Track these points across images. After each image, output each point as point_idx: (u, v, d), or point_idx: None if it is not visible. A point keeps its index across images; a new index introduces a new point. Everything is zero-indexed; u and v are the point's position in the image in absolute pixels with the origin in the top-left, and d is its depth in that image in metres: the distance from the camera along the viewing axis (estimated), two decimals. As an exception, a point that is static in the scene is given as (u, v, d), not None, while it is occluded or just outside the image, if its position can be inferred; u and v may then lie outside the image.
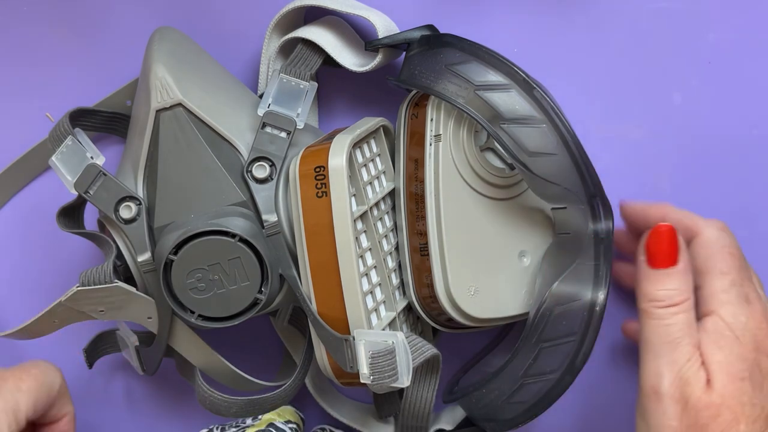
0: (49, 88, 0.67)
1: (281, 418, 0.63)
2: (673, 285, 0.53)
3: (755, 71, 0.65)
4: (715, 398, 0.50)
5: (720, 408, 0.50)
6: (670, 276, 0.54)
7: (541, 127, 0.55)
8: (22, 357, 0.69)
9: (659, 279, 0.54)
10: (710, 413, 0.50)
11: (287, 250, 0.57)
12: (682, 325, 0.52)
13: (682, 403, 0.51)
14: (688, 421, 0.51)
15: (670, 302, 0.53)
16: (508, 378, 0.57)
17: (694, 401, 0.51)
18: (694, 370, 0.51)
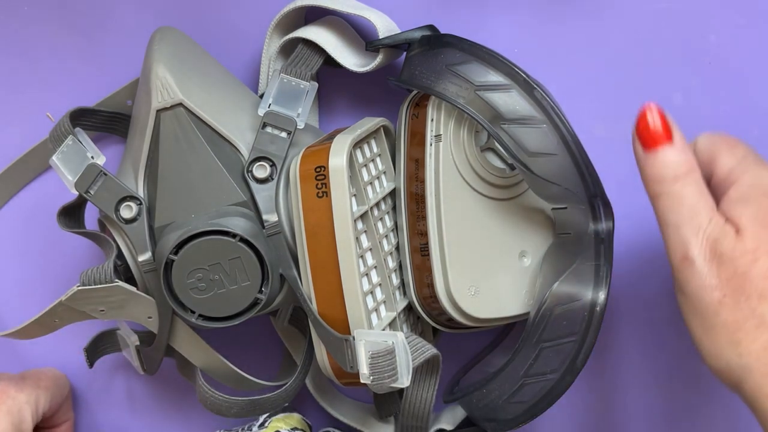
0: (50, 88, 0.67)
1: (288, 425, 0.63)
2: (673, 159, 0.51)
3: (755, 71, 0.65)
4: (749, 243, 0.49)
5: (756, 252, 0.49)
6: (668, 152, 0.51)
7: (541, 128, 0.55)
8: (22, 357, 0.69)
9: (659, 159, 0.51)
10: (748, 259, 0.49)
11: (288, 250, 0.57)
12: (693, 192, 0.51)
13: (717, 259, 0.49)
14: (727, 273, 0.49)
15: (675, 176, 0.51)
16: (508, 378, 0.57)
17: (729, 252, 0.49)
18: (720, 226, 0.50)
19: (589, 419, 0.68)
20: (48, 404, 0.64)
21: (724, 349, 0.49)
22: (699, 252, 0.50)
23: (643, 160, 0.52)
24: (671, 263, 0.51)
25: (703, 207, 0.50)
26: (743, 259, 0.49)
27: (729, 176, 0.52)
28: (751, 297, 0.48)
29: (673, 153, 0.51)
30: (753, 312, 0.48)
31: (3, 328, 0.68)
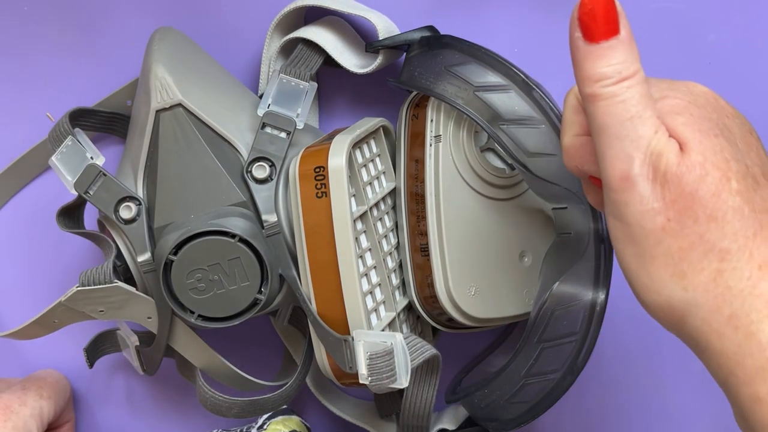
0: (50, 88, 0.67)
1: (287, 428, 0.63)
2: (619, 57, 0.44)
3: (755, 71, 0.65)
4: (696, 157, 0.42)
5: (704, 166, 0.42)
6: (614, 48, 0.44)
7: (540, 128, 0.55)
8: (22, 357, 0.70)
9: (602, 54, 0.44)
10: (695, 175, 0.42)
11: (287, 250, 0.57)
12: (639, 97, 0.43)
13: (660, 178, 0.43)
14: (672, 195, 0.42)
15: (620, 77, 0.43)
16: (509, 378, 0.57)
17: (674, 169, 0.42)
18: (664, 140, 0.43)
19: (590, 419, 0.68)
20: (52, 413, 0.64)
21: (666, 282, 0.43)
22: (639, 169, 0.43)
23: (582, 53, 0.45)
24: (606, 182, 0.44)
25: (649, 116, 0.43)
26: (690, 176, 0.42)
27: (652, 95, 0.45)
28: (699, 219, 0.42)
29: (621, 51, 0.43)
30: (701, 237, 0.42)
31: (3, 329, 0.68)
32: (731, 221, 0.42)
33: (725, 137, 0.43)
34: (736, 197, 0.42)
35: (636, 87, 0.43)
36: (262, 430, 0.62)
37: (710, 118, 0.44)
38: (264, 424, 0.62)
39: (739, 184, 0.42)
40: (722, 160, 0.42)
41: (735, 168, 0.42)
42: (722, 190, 0.42)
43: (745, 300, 0.42)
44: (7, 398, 0.62)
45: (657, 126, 0.43)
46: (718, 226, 0.42)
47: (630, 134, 0.43)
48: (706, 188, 0.42)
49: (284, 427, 0.63)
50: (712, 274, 0.42)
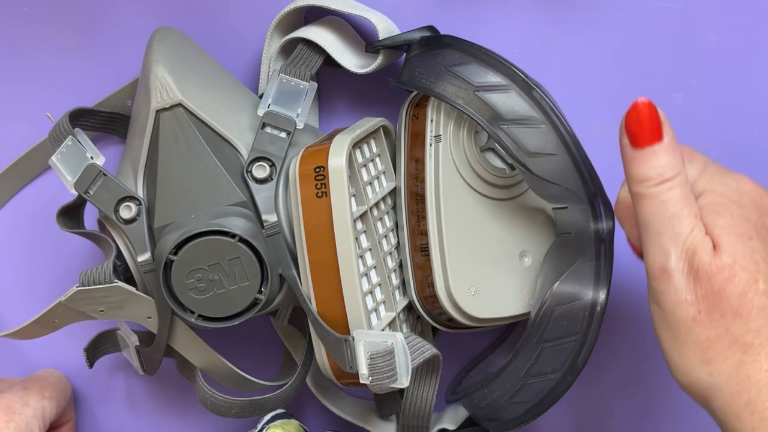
0: (49, 88, 0.67)
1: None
2: (662, 161, 0.48)
3: (755, 71, 0.65)
4: (726, 259, 0.47)
5: (733, 268, 0.47)
6: (657, 153, 0.48)
7: (540, 128, 0.55)
8: (22, 357, 0.69)
9: (646, 158, 0.48)
10: (724, 276, 0.47)
11: (287, 250, 0.57)
12: (678, 198, 0.48)
13: (693, 274, 0.47)
14: (703, 290, 0.47)
15: (661, 179, 0.48)
16: (510, 378, 0.57)
17: (705, 267, 0.47)
18: (700, 239, 0.47)
19: (590, 419, 0.68)
20: (54, 413, 0.64)
21: (694, 365, 0.48)
22: (676, 263, 0.48)
23: (629, 157, 0.49)
24: (648, 270, 0.50)
25: (686, 215, 0.48)
26: (720, 276, 0.47)
27: (695, 187, 0.50)
28: (725, 315, 0.47)
29: (664, 155, 0.48)
30: (726, 330, 0.47)
31: (3, 328, 0.68)
32: (756, 318, 0.46)
33: (761, 239, 0.48)
34: (762, 297, 0.46)
35: (677, 188, 0.48)
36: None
37: (749, 219, 0.48)
38: (263, 429, 0.62)
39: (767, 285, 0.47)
40: (752, 262, 0.47)
41: (765, 270, 0.47)
42: (749, 290, 0.46)
43: (761, 389, 0.46)
44: (9, 398, 0.62)
45: (694, 225, 0.48)
46: (743, 322, 0.46)
47: (669, 231, 0.48)
48: (734, 288, 0.46)
49: (283, 431, 0.63)
50: (734, 363, 0.47)
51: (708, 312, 0.47)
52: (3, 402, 0.61)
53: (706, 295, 0.47)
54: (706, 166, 0.51)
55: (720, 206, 0.48)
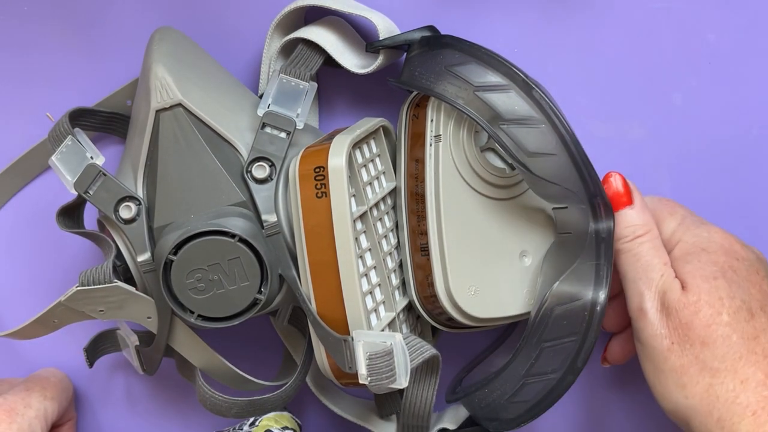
0: (49, 88, 0.67)
1: (278, 424, 0.63)
2: (633, 221, 0.57)
3: (755, 71, 0.65)
4: (692, 297, 0.54)
5: (698, 304, 0.54)
6: (628, 214, 0.58)
7: (540, 128, 0.55)
8: (22, 357, 0.70)
9: (621, 219, 0.57)
10: (690, 311, 0.54)
11: (287, 250, 0.57)
12: (649, 249, 0.57)
13: (665, 310, 0.55)
14: (674, 324, 0.54)
15: (634, 236, 0.57)
16: (510, 377, 0.57)
17: (674, 304, 0.55)
18: (669, 281, 0.55)
19: (591, 418, 0.68)
20: (56, 413, 0.64)
21: (672, 391, 0.55)
22: (651, 304, 0.56)
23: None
24: (629, 313, 0.57)
25: (656, 263, 0.56)
26: (686, 311, 0.54)
27: (672, 237, 0.58)
28: (694, 344, 0.54)
29: (635, 216, 0.58)
30: (696, 358, 0.54)
31: (3, 328, 0.68)
32: (720, 346, 0.53)
33: (726, 278, 0.55)
34: (725, 327, 0.54)
35: (647, 243, 0.57)
36: (254, 426, 0.62)
37: (716, 262, 0.55)
38: (255, 421, 0.62)
39: (730, 317, 0.54)
40: (716, 298, 0.54)
41: (728, 304, 0.54)
42: (712, 322, 0.54)
43: (729, 407, 0.53)
44: (12, 400, 0.62)
45: (663, 270, 0.56)
46: (710, 350, 0.54)
47: (643, 277, 0.56)
48: (699, 321, 0.54)
49: (276, 423, 0.63)
50: (705, 386, 0.54)
51: (679, 342, 0.54)
52: (6, 404, 0.61)
53: (676, 327, 0.54)
54: (683, 218, 0.58)
55: (689, 254, 0.56)
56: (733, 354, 0.53)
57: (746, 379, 0.53)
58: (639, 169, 0.65)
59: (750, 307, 0.55)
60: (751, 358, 0.53)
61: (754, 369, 0.53)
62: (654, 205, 0.60)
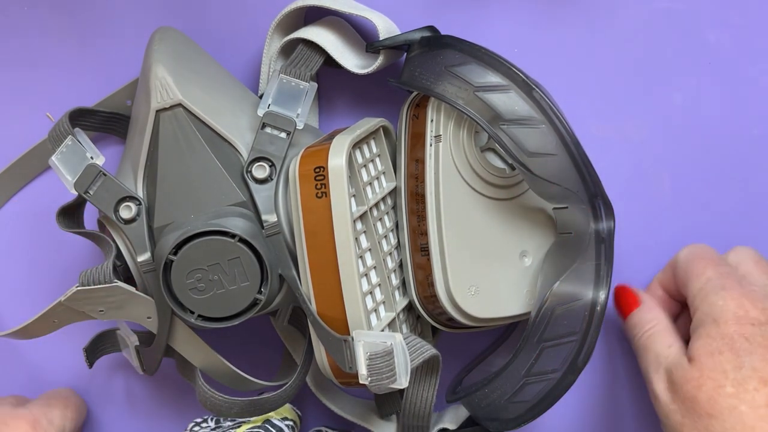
0: (49, 88, 0.67)
1: (278, 414, 0.63)
2: (642, 319, 0.61)
3: (755, 71, 0.65)
4: (695, 372, 0.55)
5: (701, 379, 0.55)
6: (637, 315, 0.62)
7: (540, 128, 0.55)
8: (22, 357, 0.70)
9: (631, 320, 0.62)
10: (693, 385, 0.55)
11: (287, 250, 0.57)
12: (656, 334, 0.60)
13: (672, 387, 0.57)
14: (680, 399, 0.56)
15: (643, 330, 0.61)
16: (510, 377, 0.57)
17: (679, 380, 0.56)
18: (676, 359, 0.57)
19: (591, 418, 0.68)
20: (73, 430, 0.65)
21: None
22: (660, 385, 0.58)
23: (623, 324, 0.63)
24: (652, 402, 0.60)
25: (661, 349, 0.59)
26: (689, 385, 0.56)
27: (693, 302, 0.59)
28: (702, 417, 0.55)
29: (642, 314, 0.62)
30: (706, 428, 0.55)
31: (3, 328, 0.68)
32: (728, 418, 0.54)
33: (734, 350, 0.55)
34: (731, 399, 0.54)
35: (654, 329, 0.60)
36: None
37: (725, 334, 0.56)
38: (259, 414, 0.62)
39: (735, 388, 0.54)
40: (719, 372, 0.55)
41: (732, 376, 0.55)
42: (716, 395, 0.54)
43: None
44: (36, 413, 0.63)
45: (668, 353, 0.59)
46: (718, 422, 0.54)
47: (652, 364, 0.59)
48: (702, 395, 0.55)
49: (276, 414, 0.63)
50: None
51: (689, 416, 0.56)
52: (29, 415, 0.62)
53: (683, 401, 0.56)
54: (707, 282, 0.59)
55: (700, 326, 0.57)
56: (743, 424, 0.53)
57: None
58: (639, 169, 0.66)
59: (763, 375, 0.54)
60: (764, 426, 0.53)
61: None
62: (687, 263, 0.61)
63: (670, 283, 0.63)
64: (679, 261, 0.61)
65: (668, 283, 0.63)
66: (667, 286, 0.63)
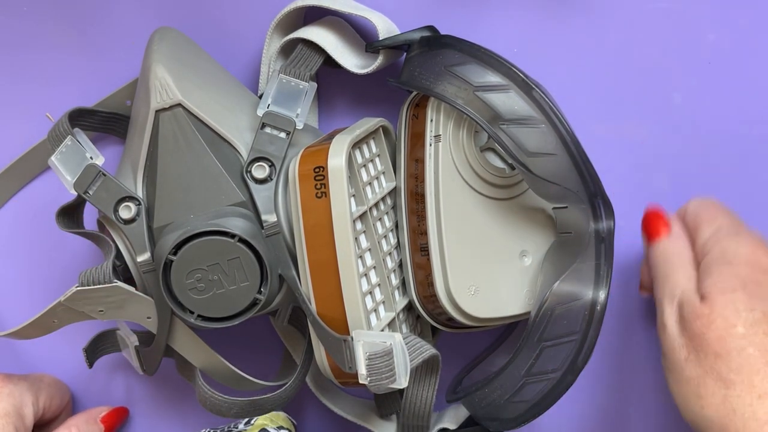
0: (49, 88, 0.67)
1: (273, 423, 0.63)
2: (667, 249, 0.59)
3: (755, 71, 0.65)
4: (705, 309, 0.54)
5: (711, 316, 0.54)
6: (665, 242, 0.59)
7: (540, 128, 0.55)
8: (22, 357, 0.70)
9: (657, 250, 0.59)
10: (703, 322, 0.54)
11: (287, 250, 0.57)
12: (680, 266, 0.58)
13: (682, 322, 0.55)
14: (689, 335, 0.55)
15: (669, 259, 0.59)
16: (510, 377, 0.57)
17: (689, 316, 0.55)
18: (689, 295, 0.56)
19: (591, 418, 0.68)
20: (49, 399, 0.65)
21: (690, 400, 0.55)
22: (670, 317, 0.56)
23: (646, 249, 0.61)
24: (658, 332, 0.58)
25: (680, 279, 0.57)
26: (698, 322, 0.54)
27: (704, 247, 0.58)
28: (708, 356, 0.54)
29: (669, 241, 0.59)
30: (712, 369, 0.53)
31: (2, 328, 0.68)
32: (735, 358, 0.53)
33: (747, 291, 0.54)
34: (741, 340, 0.53)
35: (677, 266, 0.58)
36: (249, 425, 0.62)
37: (738, 274, 0.55)
38: (251, 420, 0.62)
39: (746, 329, 0.53)
40: (731, 311, 0.54)
41: (744, 316, 0.53)
42: (726, 334, 0.53)
43: (746, 423, 0.52)
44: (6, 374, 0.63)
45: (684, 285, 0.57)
46: (724, 362, 0.53)
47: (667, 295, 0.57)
48: (712, 333, 0.53)
49: (271, 422, 0.63)
50: (721, 398, 0.53)
51: (695, 353, 0.54)
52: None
53: (692, 338, 0.55)
54: (719, 229, 0.58)
55: (713, 266, 0.56)
56: (749, 367, 0.52)
57: (764, 393, 0.52)
58: (639, 169, 0.66)
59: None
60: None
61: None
62: (697, 210, 0.60)
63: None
64: (689, 209, 0.60)
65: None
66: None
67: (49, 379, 0.66)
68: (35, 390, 0.64)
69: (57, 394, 0.66)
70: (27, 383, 0.63)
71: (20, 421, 0.61)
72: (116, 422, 0.68)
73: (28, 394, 0.63)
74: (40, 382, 0.65)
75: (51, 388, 0.66)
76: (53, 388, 0.66)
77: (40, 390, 0.64)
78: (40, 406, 0.64)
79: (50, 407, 0.65)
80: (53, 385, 0.66)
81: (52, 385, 0.66)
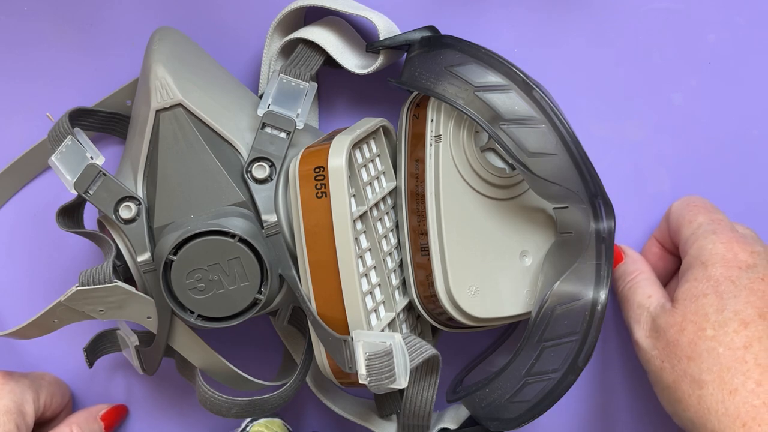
0: (49, 88, 0.67)
1: (269, 430, 0.63)
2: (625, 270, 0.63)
3: (755, 71, 0.65)
4: (677, 317, 0.57)
5: (683, 323, 0.56)
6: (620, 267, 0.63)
7: (540, 128, 0.55)
8: (22, 357, 0.70)
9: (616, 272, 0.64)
10: (676, 330, 0.57)
11: (287, 250, 0.57)
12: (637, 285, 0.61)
13: (654, 334, 0.58)
14: (662, 344, 0.57)
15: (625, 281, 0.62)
16: (510, 377, 0.57)
17: (661, 324, 0.58)
18: (658, 307, 0.59)
19: (591, 418, 0.68)
20: (50, 398, 0.65)
21: (673, 406, 0.57)
22: (640, 334, 0.59)
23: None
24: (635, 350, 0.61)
25: (642, 299, 0.60)
26: (672, 330, 0.57)
27: (683, 248, 0.60)
28: (681, 360, 0.56)
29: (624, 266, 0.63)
30: (685, 372, 0.56)
31: (3, 328, 0.68)
32: (706, 360, 0.55)
33: (718, 293, 0.56)
34: (710, 342, 0.55)
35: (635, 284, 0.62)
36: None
37: (711, 276, 0.57)
38: (247, 427, 0.62)
39: (716, 331, 0.55)
40: (701, 316, 0.56)
41: (713, 319, 0.56)
42: (697, 338, 0.56)
43: (720, 419, 0.54)
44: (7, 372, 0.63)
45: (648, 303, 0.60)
46: (696, 364, 0.55)
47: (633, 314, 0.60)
48: (684, 338, 0.56)
49: (267, 429, 0.63)
50: (696, 399, 0.55)
51: (669, 360, 0.57)
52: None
53: (665, 347, 0.57)
54: (698, 228, 0.60)
55: (688, 270, 0.59)
56: (720, 366, 0.54)
57: (735, 389, 0.53)
58: (639, 169, 0.66)
59: (744, 317, 0.55)
60: (741, 367, 0.54)
61: (743, 378, 0.54)
62: (678, 212, 0.62)
63: (665, 237, 0.64)
64: (672, 210, 0.63)
65: (663, 237, 0.64)
66: (662, 240, 0.64)
67: (49, 378, 0.66)
68: (36, 388, 0.64)
69: (58, 392, 0.66)
70: (28, 381, 0.63)
71: (21, 419, 0.61)
72: (116, 420, 0.68)
73: (29, 392, 0.63)
74: (41, 380, 0.65)
75: (52, 387, 0.66)
76: (54, 386, 0.66)
77: (41, 388, 0.64)
78: (41, 403, 0.64)
79: (51, 405, 0.65)
80: (54, 383, 0.66)
81: (53, 383, 0.66)
